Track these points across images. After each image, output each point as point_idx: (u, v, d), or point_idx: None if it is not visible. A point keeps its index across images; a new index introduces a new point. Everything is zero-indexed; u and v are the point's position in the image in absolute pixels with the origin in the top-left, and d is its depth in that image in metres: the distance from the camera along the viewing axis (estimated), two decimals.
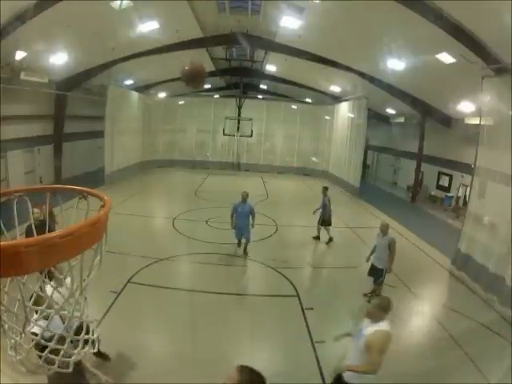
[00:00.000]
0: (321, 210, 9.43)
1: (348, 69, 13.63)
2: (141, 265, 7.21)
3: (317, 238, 9.64)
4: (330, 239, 9.40)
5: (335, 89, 18.52)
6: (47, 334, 2.22)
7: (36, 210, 5.09)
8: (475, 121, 9.74)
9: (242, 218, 7.88)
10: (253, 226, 8.04)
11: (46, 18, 8.49)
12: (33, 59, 10.53)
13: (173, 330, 5.26)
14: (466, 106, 12.06)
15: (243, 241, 8.15)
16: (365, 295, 6.47)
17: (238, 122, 19.73)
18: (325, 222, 9.40)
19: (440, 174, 16.14)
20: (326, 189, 9.68)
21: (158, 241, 8.95)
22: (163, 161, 21.33)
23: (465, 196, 13.61)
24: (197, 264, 7.65)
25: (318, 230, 9.60)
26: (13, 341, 2.15)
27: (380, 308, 3.20)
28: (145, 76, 17.97)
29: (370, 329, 3.14)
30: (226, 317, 5.57)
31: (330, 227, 9.44)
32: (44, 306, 2.17)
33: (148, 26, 11.24)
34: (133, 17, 10.32)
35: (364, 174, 19.03)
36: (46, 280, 2.28)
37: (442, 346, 5.11)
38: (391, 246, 6.13)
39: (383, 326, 3.14)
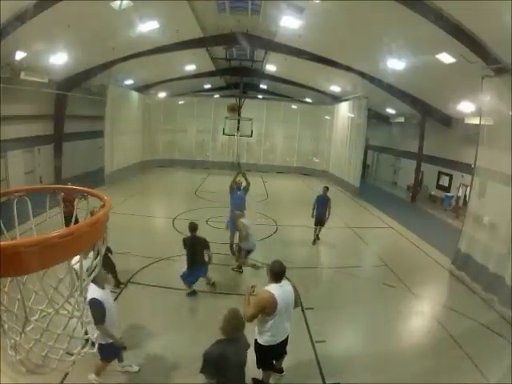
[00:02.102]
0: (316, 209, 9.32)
1: (348, 69, 13.62)
2: (141, 265, 7.21)
3: (317, 238, 9.53)
4: (315, 238, 9.40)
5: (335, 89, 18.52)
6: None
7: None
8: (475, 121, 9.73)
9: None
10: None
11: (46, 18, 8.49)
12: (33, 59, 10.53)
13: (173, 329, 5.26)
14: (465, 106, 12.05)
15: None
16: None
17: (238, 122, 19.72)
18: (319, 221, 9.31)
19: (440, 173, 16.14)
20: (326, 188, 9.58)
21: (158, 241, 8.94)
22: (163, 161, 21.33)
23: (465, 196, 13.61)
24: None
25: (316, 230, 9.49)
26: (13, 341, 2.15)
27: (271, 272, 3.63)
28: (145, 76, 17.98)
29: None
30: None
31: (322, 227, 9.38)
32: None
33: (148, 26, 11.24)
34: (133, 17, 10.32)
35: (364, 173, 19.04)
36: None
37: (442, 345, 5.11)
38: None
39: (270, 287, 3.54)
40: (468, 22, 7.53)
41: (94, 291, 3.52)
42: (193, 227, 6.03)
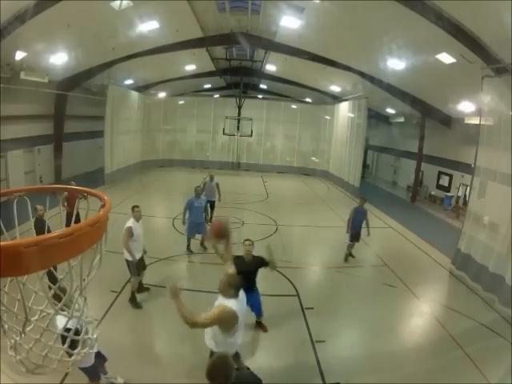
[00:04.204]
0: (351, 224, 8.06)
1: (348, 69, 13.62)
2: None
3: (350, 255, 8.33)
4: (348, 255, 8.27)
5: (335, 88, 18.52)
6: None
7: (40, 207, 5.14)
8: (475, 121, 9.74)
9: (198, 213, 7.87)
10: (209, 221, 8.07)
11: (46, 17, 8.48)
12: (33, 59, 10.53)
13: (173, 329, 5.25)
14: (466, 106, 12.05)
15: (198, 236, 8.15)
16: None
17: (238, 122, 19.72)
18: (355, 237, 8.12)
19: (440, 173, 16.14)
20: (363, 200, 8.20)
21: (158, 240, 8.94)
22: (163, 161, 21.34)
23: (465, 196, 13.60)
24: (197, 264, 7.64)
25: (350, 247, 8.28)
26: (13, 341, 2.15)
27: (227, 285, 3.30)
28: (145, 76, 17.99)
29: (218, 301, 3.34)
30: None
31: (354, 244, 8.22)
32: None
33: (148, 26, 11.25)
34: (133, 17, 10.33)
35: (364, 173, 19.06)
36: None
37: (442, 346, 5.11)
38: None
39: (227, 302, 3.22)
40: (468, 22, 7.52)
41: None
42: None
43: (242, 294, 3.41)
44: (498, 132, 6.90)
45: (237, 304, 3.25)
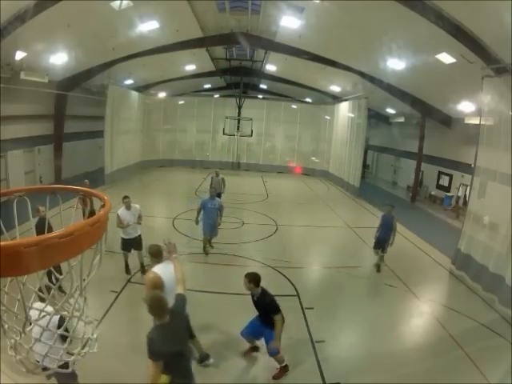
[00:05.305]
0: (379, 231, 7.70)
1: (348, 69, 13.63)
2: None
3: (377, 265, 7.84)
4: (378, 267, 7.76)
5: (335, 88, 18.53)
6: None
7: (42, 208, 5.13)
8: (475, 121, 9.73)
9: (211, 214, 7.80)
10: (219, 224, 8.02)
11: (46, 17, 8.48)
12: (33, 59, 10.53)
13: None
14: (466, 106, 12.06)
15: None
16: None
17: (238, 122, 19.72)
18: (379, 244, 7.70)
19: (440, 173, 16.14)
20: (391, 207, 7.85)
21: (158, 240, 8.93)
22: (163, 161, 21.33)
23: (465, 196, 13.60)
24: (197, 264, 7.64)
25: (377, 254, 7.83)
26: (13, 341, 2.15)
27: (150, 255, 4.16)
28: (145, 76, 17.99)
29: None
30: (226, 316, 5.56)
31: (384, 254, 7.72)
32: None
33: (148, 26, 11.25)
34: (133, 17, 10.32)
35: (364, 173, 19.05)
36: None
37: (442, 345, 5.11)
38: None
39: (155, 268, 3.95)
40: (468, 22, 7.53)
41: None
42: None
43: (168, 264, 3.91)
44: (498, 132, 6.90)
45: (160, 268, 3.90)
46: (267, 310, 4.26)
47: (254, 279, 4.17)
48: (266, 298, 4.25)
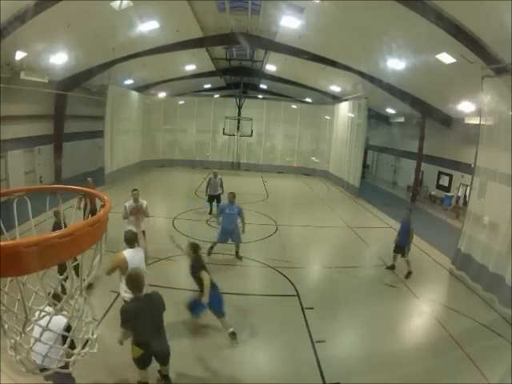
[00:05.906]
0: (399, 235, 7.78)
1: (348, 69, 13.62)
2: None
3: (391, 267, 7.90)
4: (409, 273, 7.60)
5: (335, 88, 18.52)
6: None
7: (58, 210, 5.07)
8: (475, 121, 9.73)
9: (229, 220, 7.63)
10: (243, 231, 7.78)
11: (46, 17, 8.49)
12: (33, 59, 10.53)
13: (172, 329, 5.25)
14: (466, 106, 12.06)
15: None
16: None
17: (238, 122, 19.71)
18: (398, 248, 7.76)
19: (440, 173, 16.14)
20: (409, 211, 7.98)
21: (158, 240, 8.93)
22: (163, 161, 21.33)
23: (465, 196, 13.60)
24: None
25: (394, 257, 7.89)
26: (13, 341, 2.15)
27: (125, 240, 4.54)
28: (145, 76, 17.99)
29: None
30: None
31: (409, 259, 7.64)
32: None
33: (148, 26, 11.25)
34: (133, 17, 10.33)
35: (364, 173, 19.05)
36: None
37: (442, 345, 5.11)
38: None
39: (124, 251, 4.36)
40: (468, 22, 7.53)
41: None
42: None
43: (138, 248, 4.50)
44: (498, 132, 6.90)
45: (129, 253, 4.33)
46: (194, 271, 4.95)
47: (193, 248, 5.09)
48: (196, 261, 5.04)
